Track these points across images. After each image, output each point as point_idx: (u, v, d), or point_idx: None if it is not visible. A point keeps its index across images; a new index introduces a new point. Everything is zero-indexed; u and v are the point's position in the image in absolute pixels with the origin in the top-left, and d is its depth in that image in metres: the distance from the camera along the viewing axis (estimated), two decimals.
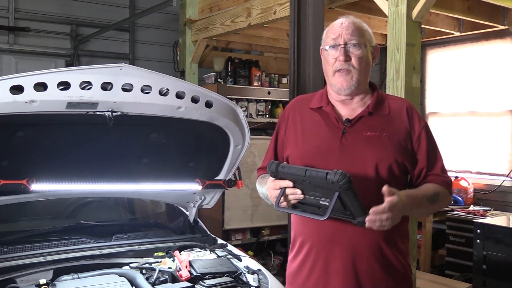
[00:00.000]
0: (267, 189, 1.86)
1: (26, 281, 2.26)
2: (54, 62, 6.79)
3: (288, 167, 1.76)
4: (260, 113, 5.69)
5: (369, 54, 1.92)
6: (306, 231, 1.93)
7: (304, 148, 1.94)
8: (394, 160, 1.84)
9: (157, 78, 2.31)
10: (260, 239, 5.44)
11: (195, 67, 5.80)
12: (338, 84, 1.89)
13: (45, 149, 2.38)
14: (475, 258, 3.73)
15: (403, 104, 1.98)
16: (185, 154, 2.74)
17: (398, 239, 1.91)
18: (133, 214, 3.46)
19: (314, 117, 1.98)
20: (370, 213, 1.65)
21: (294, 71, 3.84)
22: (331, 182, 1.60)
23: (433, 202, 1.86)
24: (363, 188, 1.72)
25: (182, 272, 2.43)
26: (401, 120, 1.92)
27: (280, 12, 4.44)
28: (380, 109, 1.93)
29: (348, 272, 1.83)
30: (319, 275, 1.88)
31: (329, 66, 1.92)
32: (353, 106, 1.95)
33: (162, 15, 7.10)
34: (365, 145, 1.86)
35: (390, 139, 1.87)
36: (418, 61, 3.34)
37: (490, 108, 5.22)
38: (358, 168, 1.81)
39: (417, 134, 1.91)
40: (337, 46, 1.88)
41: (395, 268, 1.88)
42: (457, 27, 5.13)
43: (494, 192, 5.05)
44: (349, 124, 1.90)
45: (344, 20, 1.91)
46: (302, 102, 2.07)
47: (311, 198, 1.74)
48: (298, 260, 1.95)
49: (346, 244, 1.83)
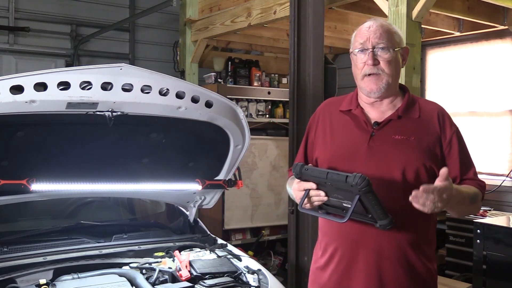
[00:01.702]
0: (293, 190, 1.88)
1: (26, 281, 2.26)
2: (54, 62, 6.78)
3: (311, 170, 1.77)
4: (260, 113, 5.68)
5: (399, 56, 1.91)
6: (332, 233, 1.94)
7: (332, 151, 1.94)
8: (422, 165, 1.83)
9: (157, 78, 2.31)
10: (260, 239, 5.44)
11: (195, 67, 5.80)
12: (368, 87, 1.89)
13: (45, 149, 2.38)
14: (475, 258, 3.73)
15: (435, 108, 1.96)
16: (185, 154, 2.74)
17: (424, 244, 1.89)
18: (133, 214, 3.46)
19: (344, 120, 1.98)
20: (420, 189, 1.59)
21: (294, 71, 3.84)
22: (351, 185, 1.61)
23: (473, 202, 1.85)
24: (390, 192, 1.73)
25: (182, 272, 2.43)
26: (432, 124, 1.90)
27: (280, 12, 4.44)
28: (410, 113, 1.92)
29: (372, 274, 1.83)
30: (341, 275, 1.88)
31: (358, 70, 1.91)
32: (383, 109, 1.94)
33: (162, 15, 7.10)
34: (393, 149, 1.85)
35: (418, 143, 1.85)
36: (418, 61, 3.34)
37: (490, 108, 5.22)
38: (384, 172, 1.81)
39: (448, 139, 1.89)
40: (365, 50, 1.87)
41: (419, 272, 1.86)
42: (457, 27, 5.13)
43: (494, 192, 5.04)
44: (377, 127, 1.90)
45: (372, 23, 1.90)
46: (332, 105, 2.07)
47: (335, 200, 1.75)
48: (323, 260, 1.96)
49: (371, 247, 1.83)
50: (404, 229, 1.80)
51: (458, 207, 1.83)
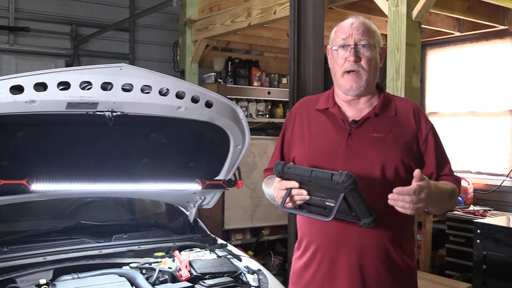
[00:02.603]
0: (273, 190, 1.85)
1: (26, 281, 2.26)
2: (54, 62, 6.78)
3: (294, 168, 1.76)
4: (260, 113, 5.68)
5: (378, 55, 1.92)
6: (312, 232, 1.93)
7: (310, 149, 1.94)
8: (400, 162, 1.83)
9: (157, 78, 2.31)
10: (260, 239, 5.44)
11: (195, 67, 5.80)
12: (347, 85, 1.89)
13: (45, 149, 2.38)
14: (475, 258, 3.73)
15: (410, 105, 1.97)
16: (185, 154, 2.74)
17: (404, 241, 1.90)
18: (133, 214, 3.46)
19: (321, 119, 1.97)
20: (394, 191, 1.61)
21: (294, 71, 3.84)
22: (336, 183, 1.60)
23: (451, 197, 1.86)
24: (369, 190, 1.72)
25: (182, 272, 2.43)
26: (408, 121, 1.91)
27: (280, 12, 4.44)
28: (387, 111, 1.93)
29: (354, 273, 1.83)
30: (324, 275, 1.88)
31: (338, 67, 1.91)
32: (360, 107, 1.94)
33: (162, 15, 7.10)
34: (371, 147, 1.85)
35: (396, 141, 1.86)
36: (418, 61, 3.34)
37: (490, 108, 5.22)
38: (364, 170, 1.81)
39: (424, 136, 1.91)
40: (347, 46, 1.87)
41: (400, 270, 1.87)
42: (457, 27, 5.13)
43: (494, 192, 5.05)
44: (355, 125, 1.90)
45: (354, 20, 1.90)
46: (309, 103, 2.07)
47: (317, 199, 1.73)
48: (303, 260, 1.95)
49: (352, 245, 1.83)
50: (384, 226, 1.79)
51: (439, 203, 1.83)
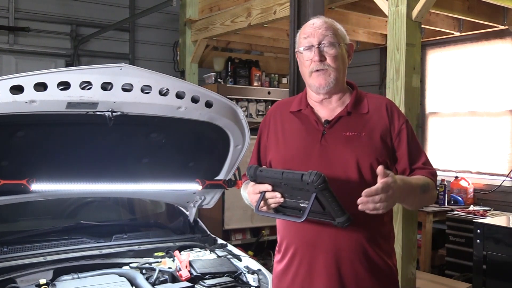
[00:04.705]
0: (248, 194, 1.85)
1: (26, 281, 2.26)
2: (54, 62, 6.79)
3: (266, 171, 1.74)
4: (260, 113, 5.69)
5: (344, 52, 1.91)
6: (289, 235, 1.92)
7: (285, 152, 1.93)
8: (375, 159, 1.82)
9: (157, 78, 2.31)
10: (260, 239, 5.44)
11: (195, 67, 5.80)
12: (316, 83, 1.88)
13: (45, 149, 2.38)
14: (475, 258, 3.73)
15: (383, 102, 1.96)
16: (185, 154, 2.74)
17: (381, 240, 1.89)
18: (133, 214, 3.46)
19: (294, 121, 1.97)
20: (362, 194, 1.60)
21: (294, 71, 3.84)
22: (307, 183, 1.58)
23: (424, 191, 1.83)
24: (344, 189, 1.71)
25: (182, 272, 2.43)
26: (381, 117, 1.90)
27: (280, 12, 4.44)
28: (359, 108, 1.92)
29: (332, 275, 1.82)
30: (303, 279, 1.87)
31: (305, 68, 1.90)
32: (332, 106, 1.94)
33: (162, 15, 7.11)
34: (345, 146, 1.85)
35: (369, 138, 1.85)
36: (418, 61, 3.34)
37: (490, 108, 5.22)
38: (339, 169, 1.81)
39: (397, 131, 1.89)
40: (311, 47, 1.87)
41: (380, 269, 1.86)
42: (457, 27, 5.13)
43: (494, 192, 5.05)
44: (328, 125, 1.89)
45: (316, 20, 1.91)
46: (282, 107, 2.06)
47: (292, 201, 1.72)
48: (283, 263, 1.94)
49: (328, 248, 1.82)
50: (360, 225, 1.79)
51: (411, 198, 1.81)
